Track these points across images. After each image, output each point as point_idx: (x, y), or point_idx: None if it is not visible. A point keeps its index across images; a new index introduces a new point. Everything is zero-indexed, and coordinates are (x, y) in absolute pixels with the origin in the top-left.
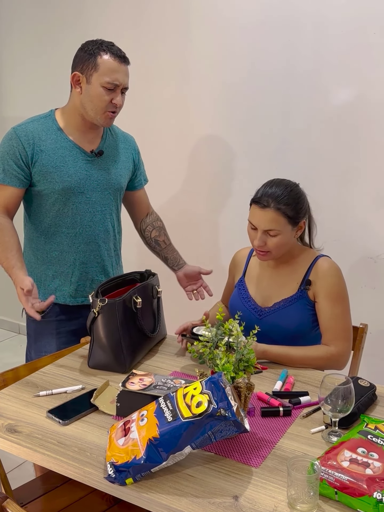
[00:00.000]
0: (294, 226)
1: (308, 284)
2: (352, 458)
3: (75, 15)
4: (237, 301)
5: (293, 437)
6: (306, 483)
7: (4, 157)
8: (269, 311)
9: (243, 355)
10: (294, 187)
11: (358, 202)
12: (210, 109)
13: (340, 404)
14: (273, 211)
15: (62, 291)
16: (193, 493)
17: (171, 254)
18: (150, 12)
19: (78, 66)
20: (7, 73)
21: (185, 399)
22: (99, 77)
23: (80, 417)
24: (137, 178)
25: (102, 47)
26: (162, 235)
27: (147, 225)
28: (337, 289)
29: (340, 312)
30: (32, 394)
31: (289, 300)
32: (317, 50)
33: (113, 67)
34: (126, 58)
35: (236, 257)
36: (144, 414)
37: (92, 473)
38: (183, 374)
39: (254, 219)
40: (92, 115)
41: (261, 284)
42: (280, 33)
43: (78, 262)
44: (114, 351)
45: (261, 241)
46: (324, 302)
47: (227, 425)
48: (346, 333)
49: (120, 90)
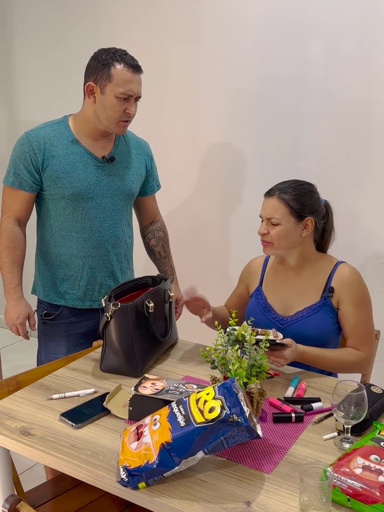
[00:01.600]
0: (298, 220)
1: (331, 292)
2: (365, 465)
3: (89, 21)
4: (256, 310)
5: (305, 443)
6: (318, 489)
7: (15, 161)
8: (292, 320)
9: (255, 360)
10: (306, 184)
11: (368, 208)
12: (222, 115)
13: (353, 410)
14: (275, 198)
15: (71, 294)
16: (206, 498)
17: (162, 267)
18: (162, 18)
19: (92, 76)
20: (20, 77)
21: (198, 404)
22: (113, 87)
23: (93, 421)
24: (150, 184)
25: (115, 57)
26: (160, 246)
27: (148, 233)
28: (361, 294)
29: (365, 317)
30: (45, 397)
31: (312, 308)
32: (329, 56)
33: (127, 78)
34: (139, 67)
35: (251, 265)
36: (157, 419)
37: (105, 476)
38: (195, 378)
39: (261, 209)
40: (106, 124)
41: (280, 292)
42: (292, 40)
43: (87, 267)
44: (126, 355)
45: (263, 228)
46: (349, 307)
47: (239, 431)
48: (371, 338)
49: (133, 100)
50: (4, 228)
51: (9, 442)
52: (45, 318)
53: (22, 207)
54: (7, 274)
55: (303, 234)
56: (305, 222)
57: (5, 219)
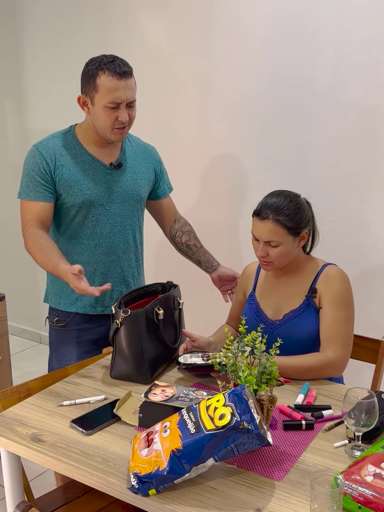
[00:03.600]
0: (295, 237)
1: (314, 292)
2: (376, 472)
3: (98, 29)
4: (248, 315)
5: (315, 451)
6: (329, 497)
7: (30, 174)
8: (280, 323)
9: (265, 367)
10: (294, 197)
11: (377, 215)
12: (230, 121)
13: (364, 418)
14: (271, 222)
15: (82, 301)
16: (216, 505)
17: (203, 257)
18: (170, 25)
19: (82, 88)
20: (30, 86)
21: (208, 411)
22: (100, 98)
23: (103, 428)
24: (160, 187)
25: (100, 66)
26: (193, 238)
27: (177, 231)
28: (342, 294)
29: (342, 318)
30: (55, 403)
31: (297, 310)
32: (337, 62)
33: (111, 87)
34: (127, 72)
35: (246, 271)
36: (167, 426)
37: (115, 483)
38: (205, 385)
39: (255, 231)
40: (102, 133)
41: (271, 297)
42: (300, 45)
43: (98, 273)
44: (136, 362)
45: (262, 251)
46: (327, 306)
47: (250, 438)
48: (345, 339)
49: (124, 106)
50: (27, 235)
51: (19, 448)
52: (56, 325)
53: (44, 216)
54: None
55: (300, 245)
56: (301, 236)
57: (27, 230)
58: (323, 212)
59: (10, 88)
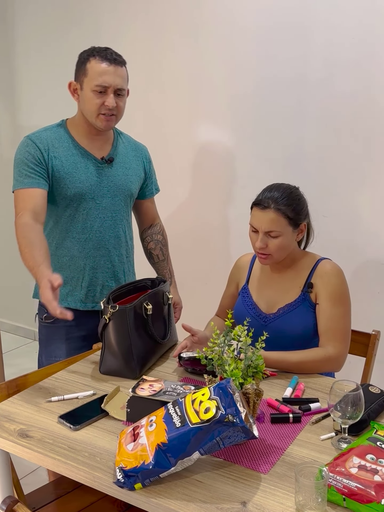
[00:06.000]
0: (294, 228)
1: (310, 287)
2: (360, 464)
3: (89, 25)
4: (242, 308)
5: (302, 443)
6: (314, 489)
7: (23, 162)
8: (274, 317)
9: (251, 361)
10: (294, 189)
11: (371, 210)
12: (222, 118)
13: (350, 410)
14: (273, 211)
15: (73, 296)
16: (202, 498)
17: (161, 271)
18: (162, 22)
19: (75, 76)
20: (23, 82)
21: (194, 405)
22: (88, 81)
23: (91, 423)
24: (148, 187)
25: (92, 53)
26: (158, 249)
27: (147, 236)
28: (338, 290)
29: (340, 313)
30: (44, 399)
31: (292, 304)
32: (329, 57)
33: (100, 70)
34: (118, 60)
35: (239, 263)
36: (153, 420)
37: (101, 478)
38: (194, 380)
39: (255, 221)
40: (90, 119)
41: (265, 290)
42: (291, 42)
43: (88, 267)
44: (125, 357)
45: (262, 242)
46: (325, 302)
47: (235, 431)
48: (344, 335)
49: (111, 92)
50: (18, 224)
51: (7, 444)
52: (45, 321)
53: (38, 204)
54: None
55: (298, 238)
56: (300, 228)
57: (19, 219)
58: (315, 207)
59: (2, 85)
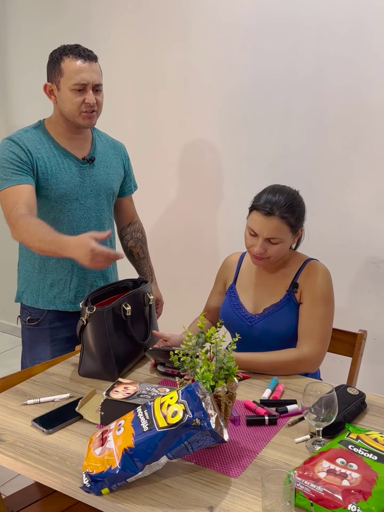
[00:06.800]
0: (293, 234)
1: (295, 287)
2: (330, 469)
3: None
4: (228, 308)
5: (276, 446)
6: (281, 494)
7: (8, 161)
8: (259, 317)
9: (223, 363)
10: (297, 194)
11: (360, 207)
12: (211, 115)
13: (324, 413)
14: (277, 219)
15: (61, 298)
16: (168, 503)
17: (141, 268)
18: (151, 19)
19: (48, 77)
20: (15, 82)
21: (162, 409)
22: (66, 81)
23: (65, 426)
24: (127, 185)
25: (64, 51)
26: (138, 247)
27: (126, 234)
28: (322, 290)
29: (321, 314)
30: (20, 402)
31: (277, 304)
32: (318, 54)
33: (76, 68)
34: (91, 55)
35: (227, 262)
36: (121, 424)
37: (70, 482)
38: (173, 382)
39: (256, 226)
40: (71, 119)
41: (252, 291)
42: (281, 39)
43: (77, 268)
44: (103, 359)
45: (262, 248)
46: (307, 301)
47: (203, 435)
48: (322, 335)
49: (90, 89)
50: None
51: None
52: (28, 324)
53: (29, 199)
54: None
55: (294, 242)
56: (297, 233)
57: (15, 212)
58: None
59: None
